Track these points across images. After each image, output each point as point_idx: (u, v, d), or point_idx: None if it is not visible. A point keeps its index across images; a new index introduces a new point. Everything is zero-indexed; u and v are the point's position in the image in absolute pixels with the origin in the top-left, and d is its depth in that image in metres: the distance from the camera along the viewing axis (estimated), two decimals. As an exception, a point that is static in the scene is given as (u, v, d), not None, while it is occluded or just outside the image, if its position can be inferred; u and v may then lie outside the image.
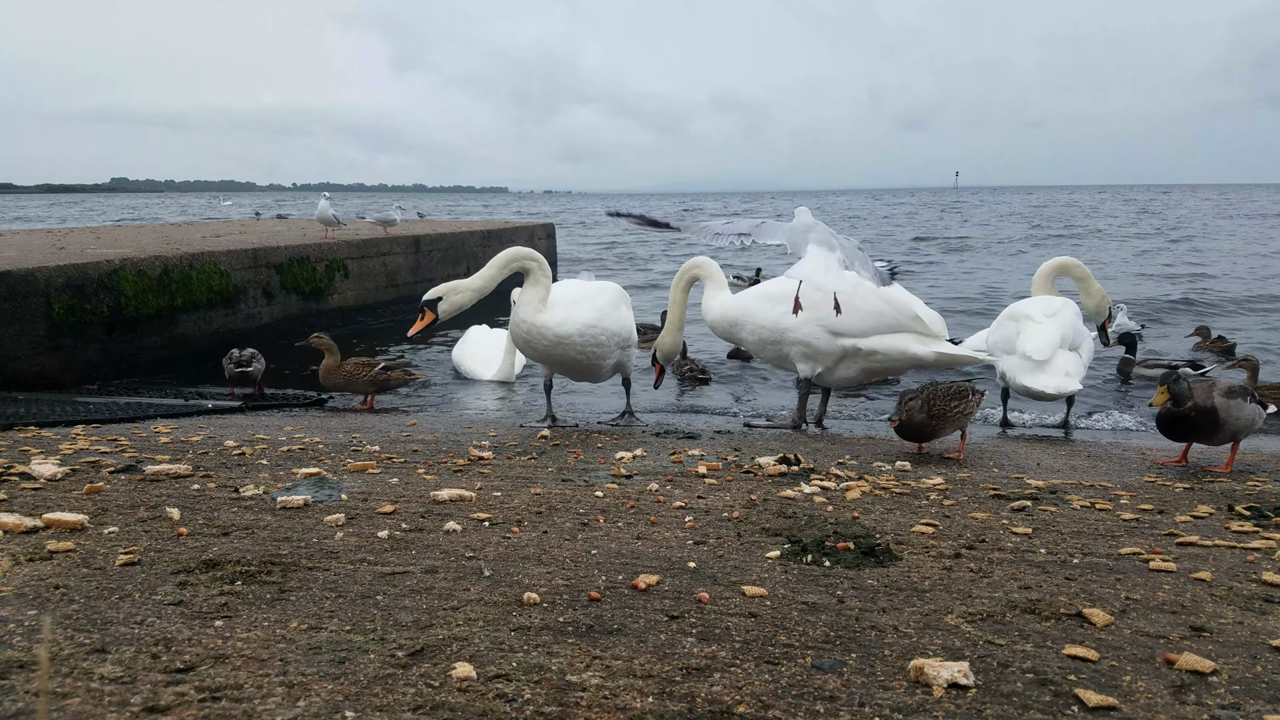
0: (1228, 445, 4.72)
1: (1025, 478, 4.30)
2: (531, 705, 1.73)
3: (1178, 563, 2.82)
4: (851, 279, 5.85)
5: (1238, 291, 16.92)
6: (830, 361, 5.86)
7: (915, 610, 2.33)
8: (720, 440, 5.33)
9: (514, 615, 2.22)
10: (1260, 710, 1.77)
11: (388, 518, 3.18)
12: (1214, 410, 4.44)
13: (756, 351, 6.22)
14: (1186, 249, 28.08)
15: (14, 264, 8.36)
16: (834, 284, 5.48)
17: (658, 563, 2.70)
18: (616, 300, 6.07)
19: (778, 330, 5.86)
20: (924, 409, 4.70)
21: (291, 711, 1.68)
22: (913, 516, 3.38)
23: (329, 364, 7.08)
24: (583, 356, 5.79)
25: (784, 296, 5.81)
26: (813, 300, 5.71)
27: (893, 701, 1.78)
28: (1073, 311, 6.07)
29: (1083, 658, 2.02)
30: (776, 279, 6.13)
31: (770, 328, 5.89)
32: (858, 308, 5.73)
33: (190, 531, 2.91)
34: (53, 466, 3.79)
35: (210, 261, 10.41)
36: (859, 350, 5.79)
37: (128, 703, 1.69)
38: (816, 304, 5.70)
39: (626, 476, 4.06)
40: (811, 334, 5.79)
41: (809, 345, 5.82)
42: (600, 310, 5.83)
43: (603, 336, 5.81)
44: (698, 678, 1.88)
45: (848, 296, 5.70)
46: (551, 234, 21.54)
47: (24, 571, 2.45)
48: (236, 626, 2.09)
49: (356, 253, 13.47)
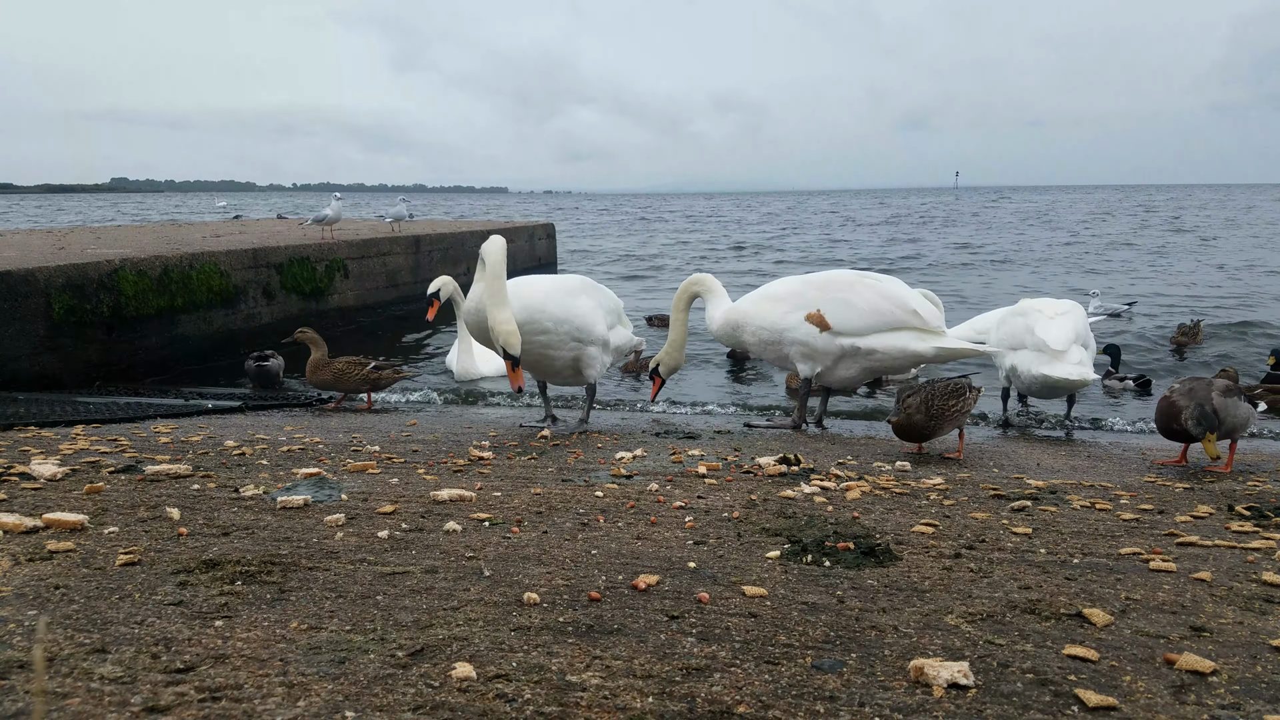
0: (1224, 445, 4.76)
1: (1025, 478, 4.30)
2: (531, 705, 1.73)
3: (1178, 563, 2.82)
4: (849, 275, 5.93)
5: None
6: (829, 361, 5.83)
7: (915, 610, 2.33)
8: (720, 440, 5.33)
9: (514, 615, 2.22)
10: (1260, 710, 1.77)
11: (388, 518, 3.18)
12: (1214, 411, 4.47)
13: (759, 353, 6.13)
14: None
15: (14, 264, 8.36)
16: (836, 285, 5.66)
17: (658, 563, 2.70)
18: (573, 288, 5.66)
19: (776, 330, 5.84)
20: (922, 408, 4.70)
21: (291, 711, 1.68)
22: (913, 516, 3.38)
23: (317, 359, 6.97)
24: (529, 345, 5.35)
25: (784, 297, 5.84)
26: (808, 299, 5.78)
27: (893, 701, 1.78)
28: (1081, 313, 6.14)
29: (1083, 658, 2.02)
30: (778, 280, 6.12)
31: (770, 328, 5.86)
32: (855, 306, 5.70)
33: (190, 531, 2.91)
34: (53, 466, 3.79)
35: (210, 261, 10.41)
36: (858, 349, 5.74)
37: (128, 703, 1.69)
38: (812, 303, 5.75)
39: (626, 476, 4.06)
40: (809, 333, 5.75)
41: (807, 345, 5.79)
42: (547, 294, 5.44)
43: (548, 323, 5.40)
44: (698, 678, 1.88)
45: (844, 294, 5.73)
46: (551, 234, 21.56)
47: (24, 571, 2.45)
48: (236, 626, 2.09)
49: (356, 253, 13.47)
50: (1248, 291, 17.27)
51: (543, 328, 5.38)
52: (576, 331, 5.53)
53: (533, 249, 20.09)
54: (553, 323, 5.40)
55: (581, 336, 5.56)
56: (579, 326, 5.53)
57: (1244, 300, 15.94)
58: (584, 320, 5.56)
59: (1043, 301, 6.25)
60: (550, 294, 5.45)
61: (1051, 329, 5.85)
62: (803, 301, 5.80)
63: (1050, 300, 6.30)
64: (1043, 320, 5.95)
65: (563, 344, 5.51)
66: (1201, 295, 16.82)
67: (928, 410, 4.70)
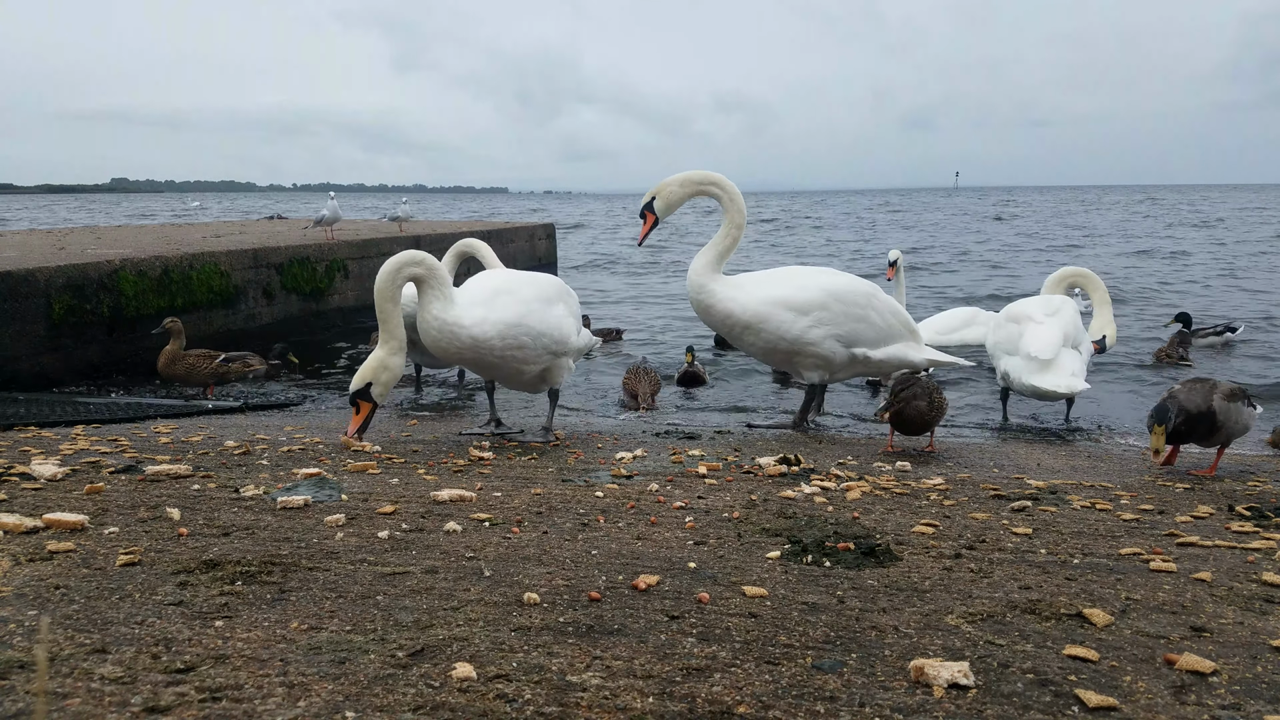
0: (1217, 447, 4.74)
1: (1025, 478, 4.30)
2: (531, 705, 1.73)
3: (1178, 563, 2.82)
4: (867, 286, 5.88)
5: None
6: (838, 368, 5.89)
7: (915, 610, 2.33)
8: (720, 440, 5.33)
9: (514, 615, 2.22)
10: (1260, 710, 1.77)
11: (388, 518, 3.18)
12: (1213, 413, 4.44)
13: (763, 355, 5.96)
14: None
15: (14, 264, 8.37)
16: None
17: (658, 563, 2.70)
18: (551, 295, 5.19)
19: (799, 344, 5.68)
20: (925, 399, 4.87)
21: (292, 711, 1.67)
22: (913, 517, 3.38)
23: (172, 351, 6.85)
24: (500, 360, 4.95)
25: (806, 309, 5.65)
26: (834, 313, 5.68)
27: (893, 702, 1.78)
28: (1073, 309, 6.11)
29: (1083, 658, 2.02)
30: (789, 279, 5.84)
31: (791, 340, 5.66)
32: (873, 322, 5.77)
33: (190, 532, 2.91)
34: (53, 467, 3.79)
35: (210, 262, 10.41)
36: (869, 359, 5.83)
37: (128, 703, 1.69)
38: (838, 318, 5.69)
39: (627, 477, 4.06)
40: (832, 350, 5.72)
41: (825, 359, 5.77)
42: (527, 306, 4.97)
43: (525, 338, 4.93)
44: (698, 678, 1.88)
45: (864, 310, 5.73)
46: (551, 234, 21.55)
47: (24, 572, 2.45)
48: (237, 627, 2.09)
49: (356, 253, 13.47)
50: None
51: (519, 342, 4.94)
52: (554, 344, 5.13)
53: (533, 249, 20.09)
54: (530, 337, 4.96)
55: (557, 349, 5.17)
56: (557, 339, 5.13)
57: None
58: (562, 332, 5.17)
59: (1033, 303, 6.20)
60: (531, 304, 5.00)
61: (1037, 338, 5.78)
62: (828, 316, 5.67)
63: (1041, 300, 6.25)
64: (1031, 327, 5.91)
65: (538, 358, 5.10)
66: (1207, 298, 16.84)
67: (930, 401, 4.85)
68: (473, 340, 4.80)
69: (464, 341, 4.79)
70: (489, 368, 5.06)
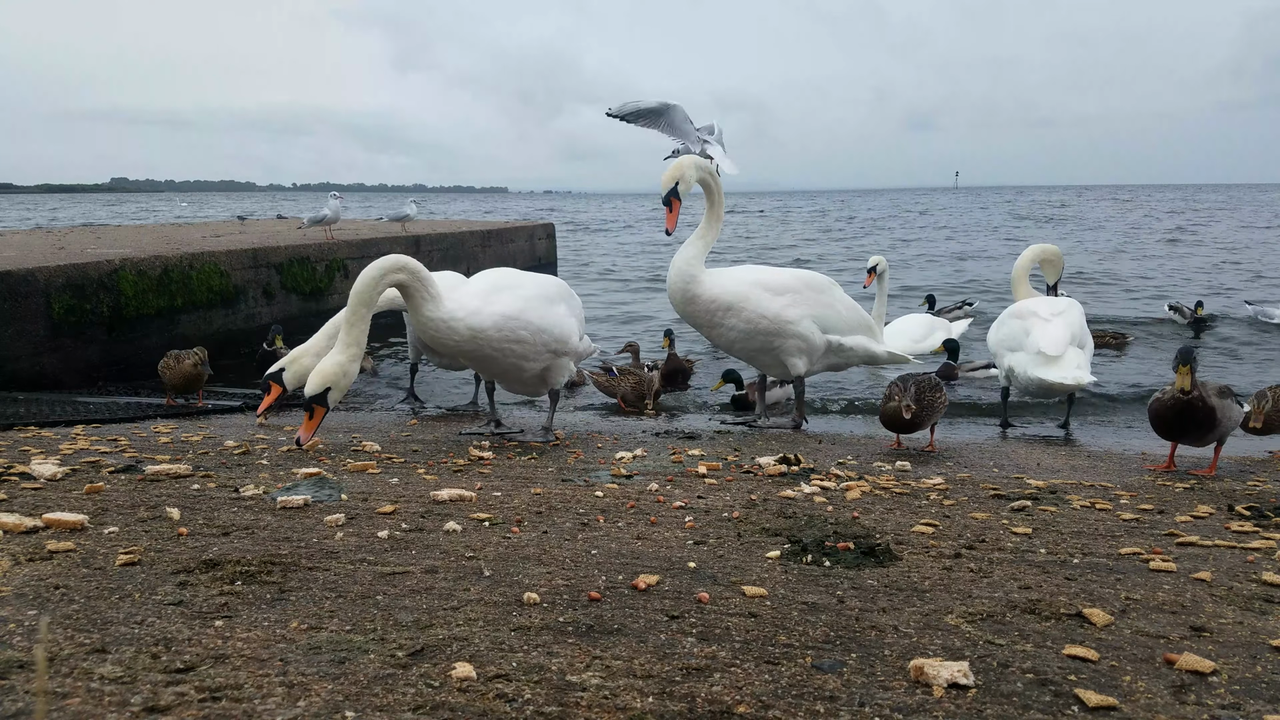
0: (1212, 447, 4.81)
1: (1025, 478, 4.30)
2: (531, 705, 1.73)
3: (1178, 563, 2.82)
4: (827, 279, 6.25)
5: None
6: (817, 354, 6.04)
7: (915, 610, 2.33)
8: (720, 440, 5.33)
9: (514, 615, 2.22)
10: (1260, 710, 1.77)
11: (388, 518, 3.18)
12: (1213, 410, 4.49)
13: (742, 341, 5.91)
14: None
15: (14, 264, 8.36)
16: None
17: (658, 563, 2.70)
18: (552, 294, 5.18)
19: (779, 322, 5.83)
20: (915, 399, 4.91)
21: (291, 711, 1.67)
22: (913, 516, 3.38)
23: (189, 374, 6.87)
24: (497, 354, 4.89)
25: (783, 290, 5.89)
26: (805, 297, 5.96)
27: (893, 701, 1.78)
28: (1078, 310, 6.12)
29: (1083, 658, 2.02)
30: (760, 269, 6.08)
31: (772, 319, 5.82)
32: (836, 308, 6.10)
33: (190, 531, 2.91)
34: (53, 466, 3.79)
35: (210, 261, 10.41)
36: (842, 346, 6.09)
37: (128, 703, 1.69)
38: (810, 301, 5.96)
39: (627, 476, 4.06)
40: (810, 330, 5.92)
41: (808, 340, 5.92)
42: (526, 301, 4.93)
43: (524, 332, 4.89)
44: (698, 678, 1.88)
45: (828, 295, 6.09)
46: (551, 234, 21.55)
47: (24, 571, 2.45)
48: (236, 626, 2.09)
49: (356, 253, 13.47)
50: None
51: (518, 337, 4.89)
52: (554, 342, 5.07)
53: (533, 249, 20.09)
54: (529, 332, 4.91)
55: (558, 348, 5.13)
56: (557, 337, 5.08)
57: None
58: (562, 331, 5.13)
59: (1039, 301, 6.23)
60: (531, 300, 4.97)
61: (1047, 334, 5.84)
62: (801, 299, 5.93)
63: (1046, 300, 6.27)
64: (1038, 323, 5.95)
65: (538, 355, 5.04)
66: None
67: (919, 401, 4.90)
68: (470, 330, 4.76)
69: (462, 334, 4.77)
70: (489, 362, 5.01)
